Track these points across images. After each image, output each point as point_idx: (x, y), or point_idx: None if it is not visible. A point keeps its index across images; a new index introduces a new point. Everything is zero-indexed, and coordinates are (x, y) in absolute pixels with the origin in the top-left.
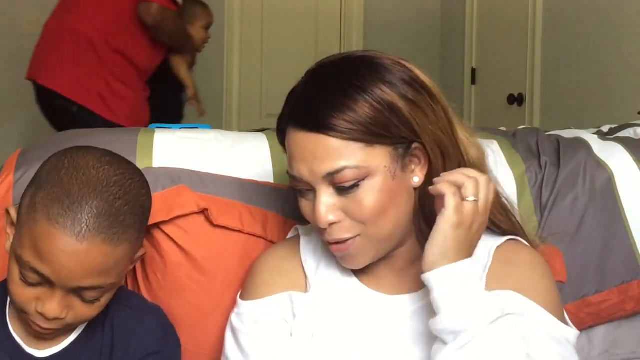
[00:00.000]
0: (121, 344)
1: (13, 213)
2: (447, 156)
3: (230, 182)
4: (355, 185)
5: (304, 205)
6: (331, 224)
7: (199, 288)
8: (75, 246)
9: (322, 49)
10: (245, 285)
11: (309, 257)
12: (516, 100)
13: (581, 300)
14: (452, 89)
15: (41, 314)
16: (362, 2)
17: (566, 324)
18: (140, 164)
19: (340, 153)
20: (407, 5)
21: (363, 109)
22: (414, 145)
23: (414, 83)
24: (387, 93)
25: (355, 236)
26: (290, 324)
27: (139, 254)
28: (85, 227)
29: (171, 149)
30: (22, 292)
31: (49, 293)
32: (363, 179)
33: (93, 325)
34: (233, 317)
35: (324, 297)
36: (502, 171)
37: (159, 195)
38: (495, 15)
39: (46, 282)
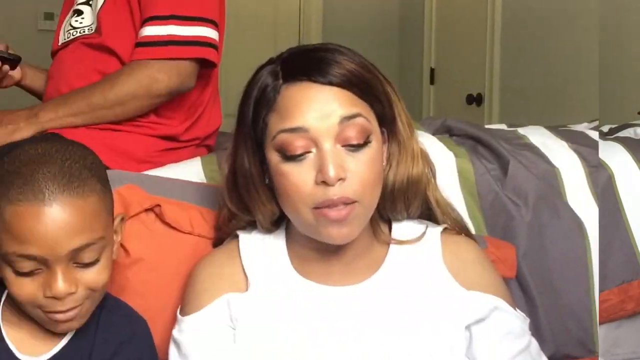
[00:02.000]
0: (108, 350)
1: None
2: (403, 147)
3: (181, 184)
4: (366, 143)
5: (294, 172)
6: (341, 179)
7: (146, 289)
8: (47, 211)
9: (281, 48)
10: (185, 296)
11: (249, 256)
12: (475, 100)
13: None
14: (411, 88)
15: (53, 297)
16: (321, 1)
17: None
18: None
19: (355, 103)
20: (365, 4)
21: (364, 69)
22: (383, 129)
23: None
24: (371, 68)
25: (355, 202)
26: (233, 326)
27: (118, 212)
28: (47, 190)
29: None
30: (24, 289)
31: (49, 275)
32: (369, 139)
33: (84, 329)
34: (175, 332)
35: (265, 293)
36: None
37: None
38: (454, 15)
39: (41, 263)
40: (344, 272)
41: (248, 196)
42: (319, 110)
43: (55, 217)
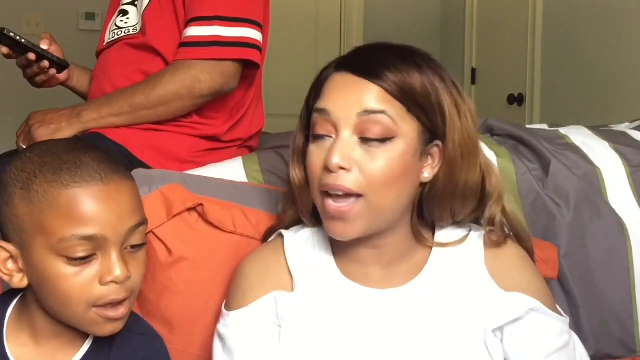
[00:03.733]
0: None
1: (8, 246)
2: (467, 159)
3: (223, 184)
4: (382, 140)
5: (314, 152)
6: (341, 168)
7: (189, 289)
8: (106, 190)
9: (323, 50)
10: (231, 291)
11: (294, 256)
12: (516, 100)
13: None
14: None
15: (112, 282)
16: (362, 3)
17: (558, 312)
18: None
19: (382, 100)
20: (407, 5)
21: (414, 78)
22: (436, 142)
23: (457, 88)
24: (437, 82)
25: (357, 196)
26: (279, 324)
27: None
28: (101, 171)
29: None
30: (78, 281)
31: (105, 261)
32: (390, 139)
33: (98, 347)
34: (220, 327)
35: (311, 295)
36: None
37: (155, 194)
38: (495, 15)
39: (97, 247)
40: (385, 275)
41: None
42: (346, 98)
43: (114, 195)
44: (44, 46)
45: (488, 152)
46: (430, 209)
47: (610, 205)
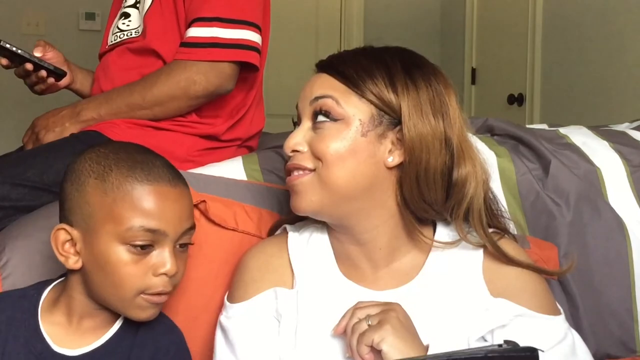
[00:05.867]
0: (145, 355)
1: (72, 230)
2: (425, 145)
3: (224, 182)
4: (327, 121)
5: None
6: (294, 151)
7: (191, 286)
8: (173, 192)
9: (323, 50)
10: (234, 283)
11: (297, 253)
12: (516, 100)
13: None
14: None
15: (164, 274)
16: (362, 3)
17: (553, 309)
18: None
19: (333, 87)
20: (407, 5)
21: (370, 68)
22: (399, 127)
23: (436, 92)
24: (401, 75)
25: (311, 170)
26: (278, 318)
27: None
28: (169, 175)
29: None
30: (136, 270)
31: (160, 254)
32: (337, 120)
33: (125, 331)
34: (222, 318)
35: (310, 293)
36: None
37: None
38: (495, 16)
39: (156, 242)
40: (381, 276)
41: None
42: (306, 91)
43: (178, 198)
44: (37, 54)
45: (488, 152)
46: (409, 199)
47: (610, 205)
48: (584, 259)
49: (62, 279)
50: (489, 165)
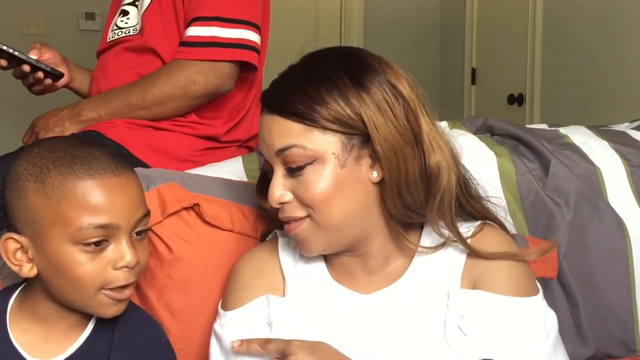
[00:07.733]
0: (125, 353)
1: (19, 237)
2: (401, 153)
3: (221, 183)
4: (302, 167)
5: (269, 187)
6: (282, 203)
7: (188, 287)
8: (118, 182)
9: None
10: (227, 290)
11: (287, 259)
12: (516, 100)
13: None
14: (452, 89)
15: (125, 267)
16: (362, 3)
17: (530, 290)
18: None
19: (292, 133)
20: (407, 5)
21: (321, 97)
22: (367, 145)
23: (388, 86)
24: (350, 87)
25: (306, 217)
26: (270, 325)
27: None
28: (112, 165)
29: None
30: (92, 267)
31: (117, 247)
32: (310, 163)
33: (100, 331)
34: (216, 326)
35: (301, 299)
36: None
37: (152, 192)
38: (495, 15)
39: (110, 236)
40: (370, 280)
41: None
42: (265, 139)
43: (125, 186)
44: (33, 56)
45: (488, 152)
46: (392, 211)
47: (610, 205)
48: (584, 259)
49: (26, 283)
50: (488, 165)
